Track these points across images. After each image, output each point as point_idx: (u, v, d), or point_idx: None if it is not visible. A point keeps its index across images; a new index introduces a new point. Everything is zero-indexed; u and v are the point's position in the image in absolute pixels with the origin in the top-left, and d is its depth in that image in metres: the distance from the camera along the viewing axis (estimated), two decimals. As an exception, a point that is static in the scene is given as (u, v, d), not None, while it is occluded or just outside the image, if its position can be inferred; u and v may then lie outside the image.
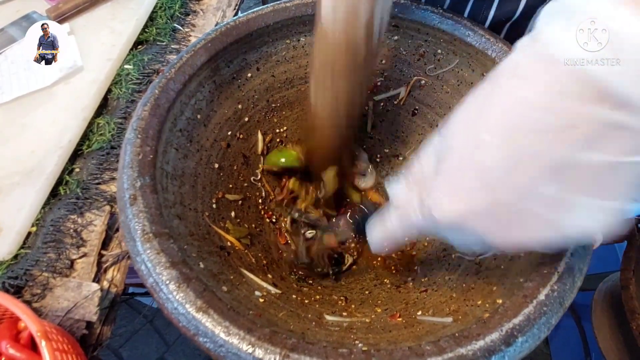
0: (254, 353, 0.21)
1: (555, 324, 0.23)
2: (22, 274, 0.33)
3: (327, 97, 0.33)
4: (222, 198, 0.41)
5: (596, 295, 0.60)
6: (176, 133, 0.36)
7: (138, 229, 0.25)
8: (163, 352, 1.19)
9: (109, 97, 0.47)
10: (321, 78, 0.33)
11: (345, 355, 0.22)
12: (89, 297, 0.31)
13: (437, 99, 0.45)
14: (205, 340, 0.22)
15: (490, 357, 0.21)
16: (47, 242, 0.35)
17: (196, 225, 0.34)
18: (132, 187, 0.27)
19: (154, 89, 0.33)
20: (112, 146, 0.43)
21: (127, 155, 0.29)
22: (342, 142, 0.39)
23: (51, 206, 0.38)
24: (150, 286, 0.24)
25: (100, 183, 0.40)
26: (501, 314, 0.23)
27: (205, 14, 0.57)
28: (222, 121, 0.42)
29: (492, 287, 0.30)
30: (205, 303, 0.23)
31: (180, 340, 1.20)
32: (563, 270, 0.24)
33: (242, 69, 0.42)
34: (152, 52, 0.51)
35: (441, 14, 0.40)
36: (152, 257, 0.24)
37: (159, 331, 1.22)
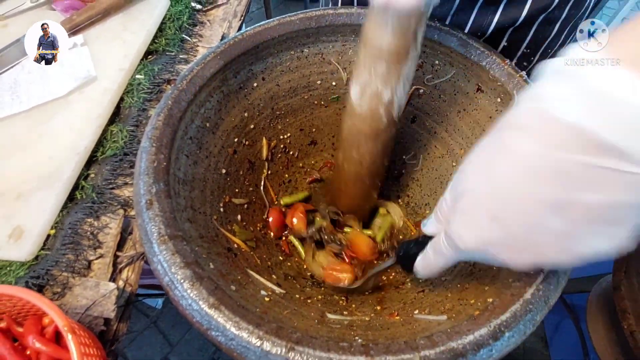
0: (262, 346, 0.23)
1: (540, 321, 0.25)
2: (44, 273, 0.36)
3: (354, 158, 0.38)
4: (229, 202, 0.43)
5: (591, 297, 0.61)
6: (187, 141, 0.38)
7: (154, 232, 0.27)
8: (167, 353, 1.20)
9: (122, 105, 0.49)
10: (348, 142, 0.38)
11: (345, 348, 0.24)
12: (107, 295, 0.33)
13: (435, 107, 0.47)
14: (217, 334, 0.24)
15: (479, 350, 0.23)
16: (66, 244, 0.38)
17: (205, 228, 0.37)
18: (148, 192, 0.29)
19: (167, 100, 0.36)
20: (125, 153, 0.45)
21: (143, 163, 0.31)
22: (364, 196, 0.42)
23: (69, 210, 0.40)
24: (166, 284, 0.26)
25: (114, 188, 0.42)
26: (490, 311, 0.25)
27: (212, 25, 0.59)
28: (229, 128, 0.44)
29: (485, 287, 0.32)
30: (217, 300, 0.25)
31: (183, 341, 1.22)
32: (548, 271, 0.26)
33: (249, 79, 0.44)
34: (161, 62, 0.54)
35: (439, 28, 0.41)
36: (168, 258, 0.26)
37: (163, 332, 1.24)
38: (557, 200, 0.19)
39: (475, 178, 0.23)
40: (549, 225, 0.20)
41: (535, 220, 0.20)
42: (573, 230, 0.20)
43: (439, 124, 0.47)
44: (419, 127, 0.49)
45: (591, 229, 0.19)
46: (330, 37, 0.45)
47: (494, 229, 0.22)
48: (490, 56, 0.40)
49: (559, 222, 0.19)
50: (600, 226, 0.19)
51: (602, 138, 0.17)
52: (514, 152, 0.20)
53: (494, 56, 0.40)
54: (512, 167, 0.20)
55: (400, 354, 0.23)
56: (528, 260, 0.22)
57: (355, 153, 0.38)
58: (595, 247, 0.20)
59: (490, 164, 0.22)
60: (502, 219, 0.21)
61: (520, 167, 0.20)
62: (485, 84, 0.41)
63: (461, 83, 0.44)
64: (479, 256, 0.25)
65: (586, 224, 0.19)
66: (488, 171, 0.22)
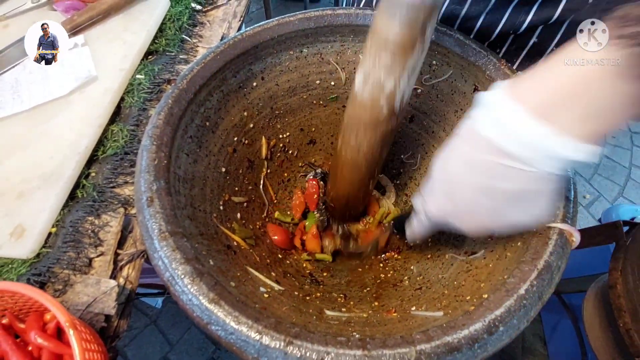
0: (261, 340, 0.24)
1: (534, 316, 0.26)
2: (45, 271, 0.36)
3: (351, 145, 0.39)
4: (228, 200, 0.44)
5: (587, 295, 0.62)
6: (187, 139, 0.39)
7: (155, 228, 0.28)
8: (166, 352, 1.20)
9: (122, 105, 0.50)
10: (349, 130, 0.39)
11: (343, 343, 0.24)
12: (107, 292, 0.33)
13: (432, 107, 0.47)
14: (217, 328, 0.24)
15: (473, 344, 0.24)
16: (67, 242, 0.38)
17: (205, 226, 0.37)
18: (148, 190, 0.30)
19: (168, 99, 0.36)
20: (125, 152, 0.46)
21: (144, 161, 0.32)
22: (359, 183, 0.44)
23: (70, 208, 0.41)
24: (166, 280, 0.26)
25: (115, 187, 0.43)
26: (485, 306, 0.26)
27: (212, 26, 0.60)
28: (229, 127, 0.45)
29: (480, 283, 0.32)
30: (216, 295, 0.25)
31: (183, 340, 1.22)
32: (542, 268, 0.27)
33: (248, 78, 0.45)
34: (161, 62, 0.54)
35: (436, 29, 0.42)
36: (168, 254, 0.27)
37: (162, 331, 1.24)
38: (484, 186, 0.27)
39: (437, 167, 0.31)
40: (482, 203, 0.28)
41: (472, 199, 0.28)
42: (498, 207, 0.28)
43: (437, 123, 0.48)
44: (417, 126, 0.50)
45: (511, 206, 0.27)
46: (329, 38, 0.46)
47: (448, 204, 0.31)
48: (487, 56, 0.40)
49: (488, 201, 0.28)
50: (517, 205, 0.27)
51: (504, 147, 0.25)
52: (457, 152, 0.29)
53: (490, 56, 0.40)
54: (456, 162, 0.29)
55: (396, 348, 0.23)
56: (474, 226, 0.30)
57: (353, 140, 0.39)
58: (518, 219, 0.28)
59: (445, 158, 0.31)
60: (452, 198, 0.30)
61: (460, 163, 0.29)
62: (482, 84, 0.42)
63: (458, 83, 0.44)
64: (445, 225, 0.32)
65: (506, 203, 0.27)
66: (444, 163, 0.31)
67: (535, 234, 0.30)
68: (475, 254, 0.38)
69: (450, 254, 0.42)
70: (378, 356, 0.23)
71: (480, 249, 0.38)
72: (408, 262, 0.47)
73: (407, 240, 0.41)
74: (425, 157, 0.51)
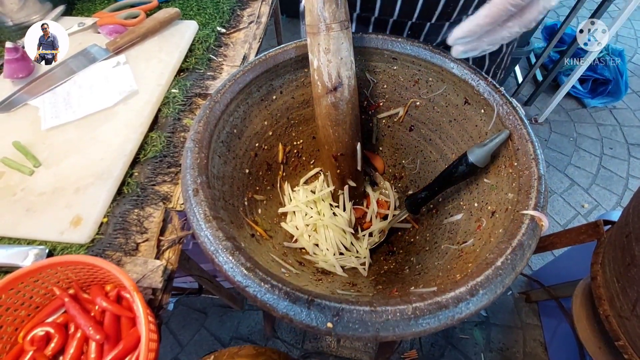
0: (289, 298, 0.30)
1: (509, 284, 0.31)
2: (100, 253, 0.42)
3: (316, 116, 0.49)
4: (251, 197, 0.50)
5: (576, 291, 0.66)
6: (219, 144, 0.45)
7: (201, 213, 0.34)
8: (177, 353, 1.24)
9: (159, 115, 0.57)
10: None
11: (354, 302, 0.30)
12: (154, 270, 0.40)
13: (430, 117, 0.54)
14: (254, 290, 0.30)
15: (459, 303, 0.30)
16: (117, 229, 0.45)
17: (235, 216, 0.43)
18: (194, 182, 0.37)
19: (206, 109, 0.43)
20: (163, 155, 0.52)
21: (189, 160, 0.38)
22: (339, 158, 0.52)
23: (118, 202, 0.47)
24: (211, 253, 0.33)
25: (155, 184, 0.50)
26: (468, 276, 0.32)
27: (235, 46, 0.67)
28: (252, 135, 0.51)
29: (468, 264, 0.38)
30: (252, 265, 0.32)
31: (193, 341, 1.26)
32: (515, 245, 0.33)
33: (269, 92, 0.52)
34: (192, 78, 0.61)
35: (431, 50, 0.49)
36: (213, 233, 0.33)
37: (173, 333, 1.28)
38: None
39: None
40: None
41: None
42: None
43: (434, 132, 0.54)
44: (417, 134, 0.56)
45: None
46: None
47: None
48: (475, 74, 0.47)
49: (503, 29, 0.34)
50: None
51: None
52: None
53: (477, 75, 0.47)
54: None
55: (397, 306, 0.29)
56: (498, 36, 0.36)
57: (317, 111, 0.49)
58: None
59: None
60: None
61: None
62: (472, 98, 0.48)
63: (451, 97, 0.51)
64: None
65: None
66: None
67: (512, 220, 0.36)
68: (466, 242, 0.44)
69: (445, 244, 0.47)
70: (382, 311, 0.29)
71: (470, 238, 0.43)
72: (409, 255, 0.53)
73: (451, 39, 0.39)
74: (424, 162, 0.57)
